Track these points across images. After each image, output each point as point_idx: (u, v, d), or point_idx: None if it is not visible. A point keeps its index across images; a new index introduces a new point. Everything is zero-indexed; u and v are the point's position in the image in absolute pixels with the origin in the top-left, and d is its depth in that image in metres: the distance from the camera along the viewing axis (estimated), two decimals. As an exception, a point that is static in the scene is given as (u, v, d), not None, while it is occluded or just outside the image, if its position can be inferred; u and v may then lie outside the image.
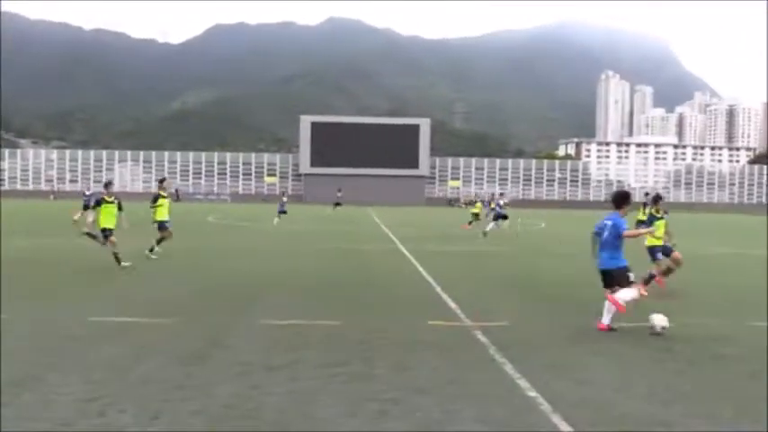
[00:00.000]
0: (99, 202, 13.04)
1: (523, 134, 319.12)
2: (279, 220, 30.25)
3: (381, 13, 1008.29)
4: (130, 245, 13.96)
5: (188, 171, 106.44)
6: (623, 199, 7.90)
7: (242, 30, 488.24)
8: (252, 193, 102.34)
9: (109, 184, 13.64)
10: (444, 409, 4.66)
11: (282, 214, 30.47)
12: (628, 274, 7.54)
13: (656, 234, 10.56)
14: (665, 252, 11.21)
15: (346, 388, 5.15)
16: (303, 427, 4.30)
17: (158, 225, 15.33)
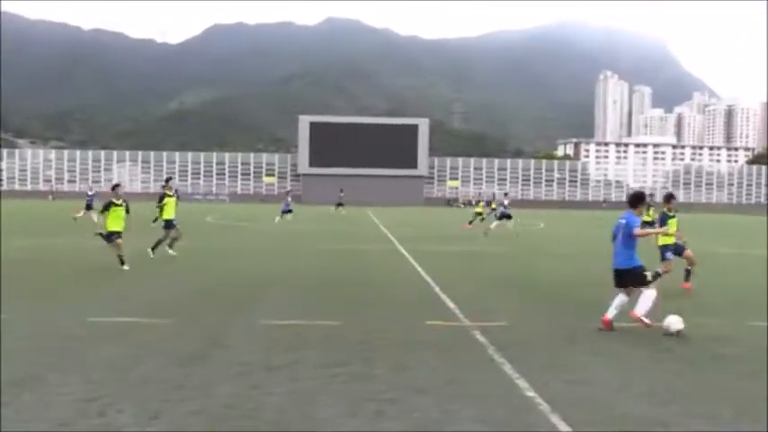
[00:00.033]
0: (108, 206, 12.93)
1: (522, 134, 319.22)
2: (281, 219, 30.27)
3: (380, 14, 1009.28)
4: (133, 245, 13.94)
5: (186, 171, 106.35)
6: (638, 199, 7.96)
7: (240, 30, 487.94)
8: (250, 194, 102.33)
9: (117, 187, 13.59)
10: (443, 409, 4.67)
11: (287, 213, 30.41)
12: (644, 274, 7.59)
13: (669, 232, 10.54)
14: (677, 251, 11.06)
15: (346, 388, 5.16)
16: (303, 428, 4.30)
17: (165, 224, 15.40)
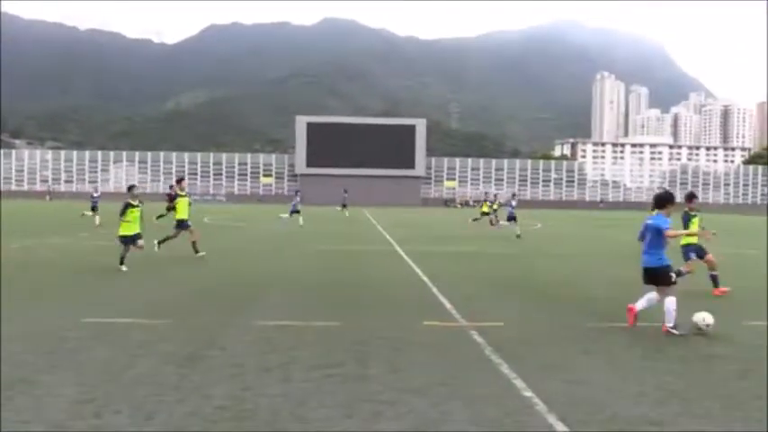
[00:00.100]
0: (126, 208, 12.82)
1: (519, 134, 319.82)
2: (289, 218, 30.22)
3: (376, 14, 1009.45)
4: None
5: (183, 171, 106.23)
6: (666, 200, 8.03)
7: (237, 30, 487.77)
8: (247, 194, 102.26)
9: (132, 188, 13.51)
10: (440, 410, 4.66)
11: (295, 214, 30.38)
12: (670, 274, 7.72)
13: (696, 233, 10.50)
14: (700, 254, 11.00)
15: (341, 389, 5.15)
16: (297, 429, 4.29)
17: (177, 223, 15.41)
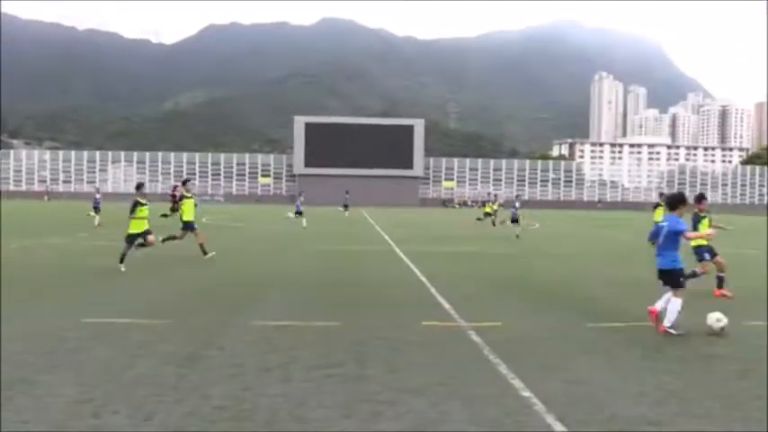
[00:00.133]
0: (134, 206, 12.76)
1: (517, 135, 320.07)
2: (294, 218, 30.51)
3: (375, 14, 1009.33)
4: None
5: (182, 172, 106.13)
6: (679, 201, 8.01)
7: (235, 30, 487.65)
8: (246, 194, 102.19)
9: (141, 186, 13.47)
10: (438, 410, 4.67)
11: (298, 215, 30.46)
12: (681, 278, 7.73)
13: (713, 235, 10.54)
14: (711, 254, 10.98)
15: (340, 389, 5.15)
16: (297, 429, 4.30)
17: (183, 225, 15.23)
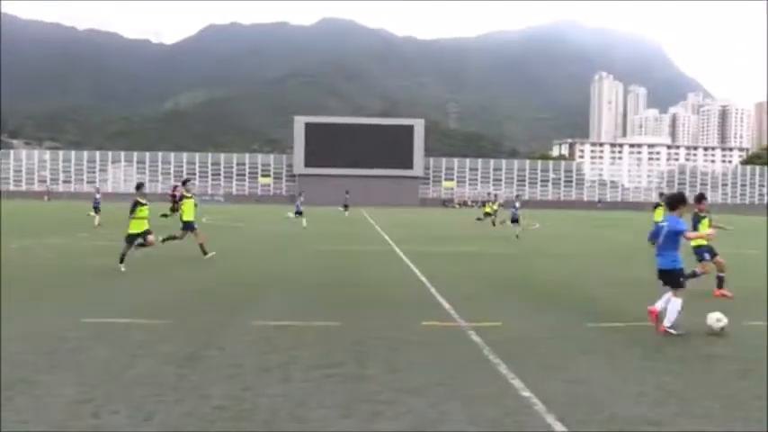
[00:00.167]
0: (135, 206, 12.77)
1: (517, 135, 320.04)
2: (294, 218, 30.56)
3: (375, 14, 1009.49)
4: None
5: (182, 172, 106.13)
6: (679, 201, 8.00)
7: (235, 30, 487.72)
8: (246, 194, 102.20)
9: (141, 186, 13.48)
10: (438, 410, 4.66)
11: (298, 215, 30.48)
12: (681, 278, 7.73)
13: (713, 235, 10.54)
14: (711, 254, 10.98)
15: (340, 389, 5.15)
16: (296, 429, 4.29)
17: (183, 225, 15.22)
